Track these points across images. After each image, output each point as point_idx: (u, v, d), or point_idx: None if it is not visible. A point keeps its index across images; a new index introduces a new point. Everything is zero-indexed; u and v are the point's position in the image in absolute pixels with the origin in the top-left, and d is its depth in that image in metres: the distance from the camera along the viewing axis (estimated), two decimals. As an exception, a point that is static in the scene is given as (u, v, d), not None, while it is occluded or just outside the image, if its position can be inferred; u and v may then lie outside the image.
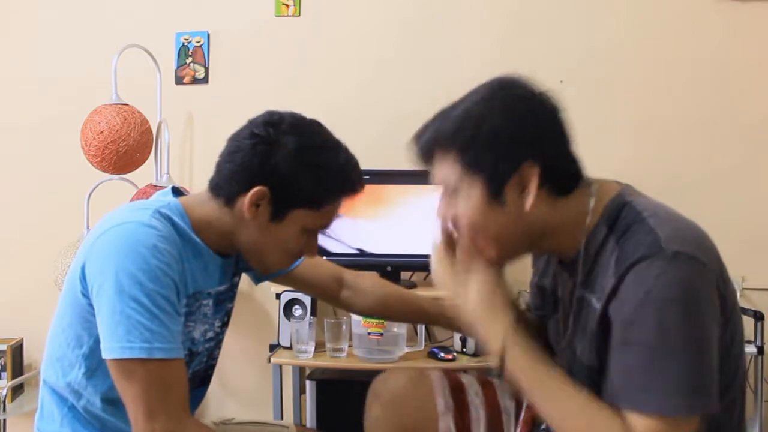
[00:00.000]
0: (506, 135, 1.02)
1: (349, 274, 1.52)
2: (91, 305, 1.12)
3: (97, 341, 1.11)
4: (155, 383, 1.06)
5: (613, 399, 0.98)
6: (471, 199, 1.03)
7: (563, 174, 1.05)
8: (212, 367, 1.34)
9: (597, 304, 1.02)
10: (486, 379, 1.36)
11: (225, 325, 1.33)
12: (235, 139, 1.19)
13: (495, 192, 1.02)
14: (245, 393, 2.53)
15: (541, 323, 1.27)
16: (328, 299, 1.53)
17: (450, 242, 1.12)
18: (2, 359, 2.45)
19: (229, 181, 1.17)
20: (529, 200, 1.02)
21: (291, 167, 1.14)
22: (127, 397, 1.07)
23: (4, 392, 2.31)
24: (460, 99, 1.08)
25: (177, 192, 1.26)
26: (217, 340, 1.29)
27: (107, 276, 1.07)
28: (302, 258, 1.38)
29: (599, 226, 1.04)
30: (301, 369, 2.36)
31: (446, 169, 1.05)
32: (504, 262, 1.11)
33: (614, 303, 0.98)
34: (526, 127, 1.03)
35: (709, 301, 0.96)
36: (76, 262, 1.15)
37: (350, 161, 1.22)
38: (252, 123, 1.19)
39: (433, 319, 1.55)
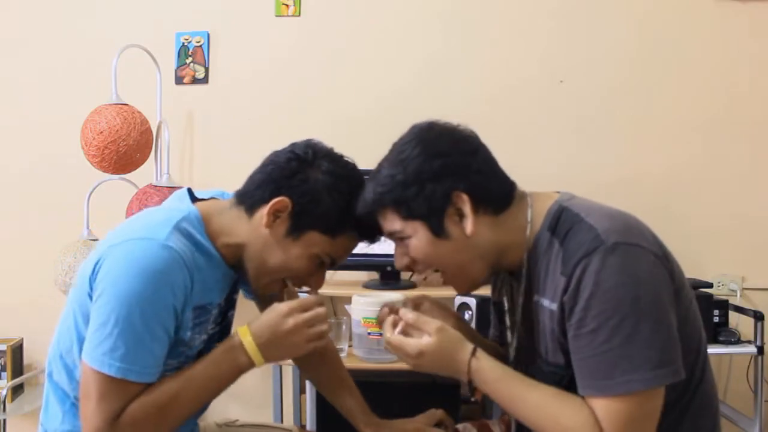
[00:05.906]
0: (429, 174, 1.09)
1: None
2: None
3: None
4: (116, 396, 1.09)
5: (582, 390, 1.03)
6: (419, 241, 1.12)
7: (493, 194, 1.12)
8: None
9: (552, 305, 1.08)
10: (483, 422, 1.41)
11: (222, 327, 1.32)
12: (273, 155, 1.22)
13: (437, 228, 1.10)
14: (246, 393, 2.52)
15: (501, 341, 1.30)
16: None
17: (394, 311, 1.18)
18: (2, 359, 2.45)
19: (255, 190, 1.19)
20: (469, 225, 1.09)
21: (318, 186, 1.16)
22: (89, 398, 1.09)
23: (4, 392, 2.31)
24: (388, 152, 1.16)
25: (192, 194, 1.27)
26: (212, 342, 1.29)
27: (110, 289, 1.09)
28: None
29: (542, 232, 1.11)
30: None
31: (389, 224, 1.13)
32: (475, 287, 1.19)
33: (567, 299, 1.03)
34: (445, 162, 1.10)
35: (654, 276, 1.02)
36: (91, 260, 1.16)
37: None
38: (294, 144, 1.22)
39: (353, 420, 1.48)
